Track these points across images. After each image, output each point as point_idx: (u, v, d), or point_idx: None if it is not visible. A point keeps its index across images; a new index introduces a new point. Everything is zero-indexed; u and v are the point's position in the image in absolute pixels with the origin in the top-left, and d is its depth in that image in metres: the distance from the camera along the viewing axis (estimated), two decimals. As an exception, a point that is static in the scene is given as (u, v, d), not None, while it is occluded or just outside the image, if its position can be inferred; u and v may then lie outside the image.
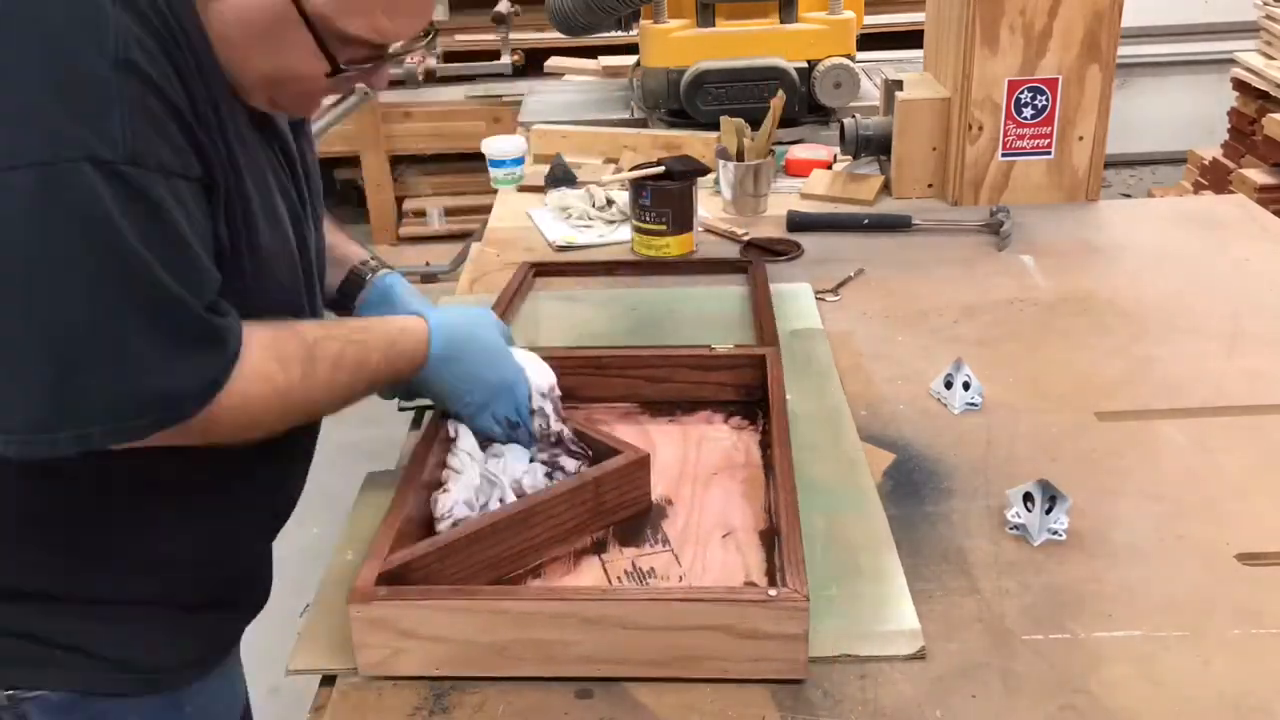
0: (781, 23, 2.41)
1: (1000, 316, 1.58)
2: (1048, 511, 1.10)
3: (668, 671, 0.93)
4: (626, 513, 1.13)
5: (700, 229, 1.86)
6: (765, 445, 1.24)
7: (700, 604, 0.92)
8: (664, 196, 1.77)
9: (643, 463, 1.14)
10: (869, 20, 2.91)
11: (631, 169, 1.86)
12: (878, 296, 1.65)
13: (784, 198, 2.04)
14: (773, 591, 0.92)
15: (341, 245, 1.26)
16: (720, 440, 1.28)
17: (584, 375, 1.34)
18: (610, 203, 1.98)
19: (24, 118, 0.80)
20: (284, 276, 1.02)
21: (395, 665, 0.94)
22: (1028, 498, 1.10)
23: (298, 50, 0.91)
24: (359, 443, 1.84)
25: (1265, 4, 3.63)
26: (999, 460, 1.24)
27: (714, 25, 2.40)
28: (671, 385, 1.35)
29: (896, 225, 1.89)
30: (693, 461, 1.24)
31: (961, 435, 1.29)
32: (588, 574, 1.06)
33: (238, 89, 0.95)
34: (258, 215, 0.97)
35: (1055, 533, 1.10)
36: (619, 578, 1.05)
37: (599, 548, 1.10)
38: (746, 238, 1.86)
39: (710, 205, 2.01)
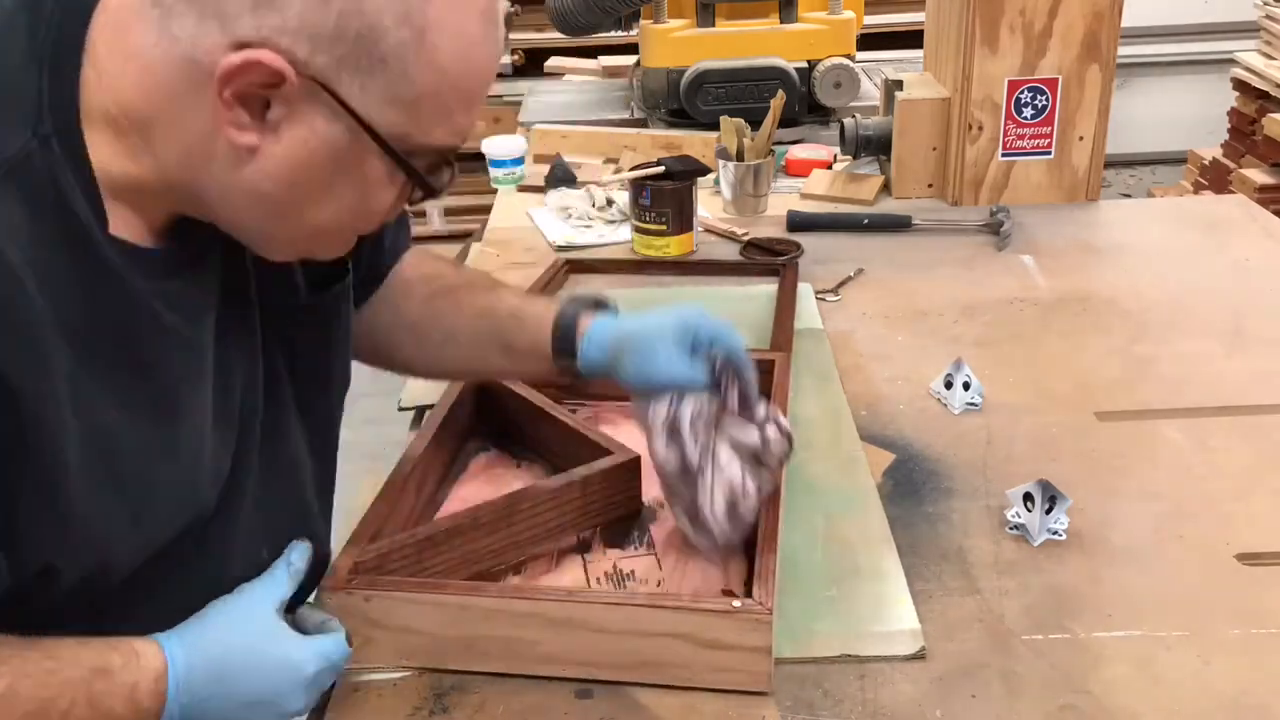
0: (781, 23, 2.41)
1: (1000, 316, 1.58)
2: (1048, 511, 1.10)
3: (631, 675, 0.93)
4: (614, 513, 1.12)
5: (700, 229, 1.86)
6: None
7: (663, 611, 0.92)
8: (664, 196, 1.77)
9: (632, 465, 1.12)
10: (869, 20, 2.91)
11: (631, 169, 1.86)
12: (878, 296, 1.65)
13: (784, 198, 2.04)
14: (737, 603, 0.91)
15: (519, 307, 1.09)
16: None
17: None
18: (610, 203, 1.98)
19: None
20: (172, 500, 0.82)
21: (364, 655, 0.95)
22: (1028, 498, 1.10)
23: (367, 183, 0.78)
24: (359, 443, 1.83)
25: (1265, 4, 3.63)
26: (999, 460, 1.24)
27: (714, 25, 2.40)
28: None
29: (896, 225, 1.89)
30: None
31: (961, 435, 1.29)
32: (568, 573, 1.06)
33: (255, 248, 0.82)
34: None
35: (1055, 533, 1.10)
36: (598, 579, 1.05)
37: (583, 547, 1.10)
38: (746, 238, 1.86)
39: (710, 205, 2.01)
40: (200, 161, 0.74)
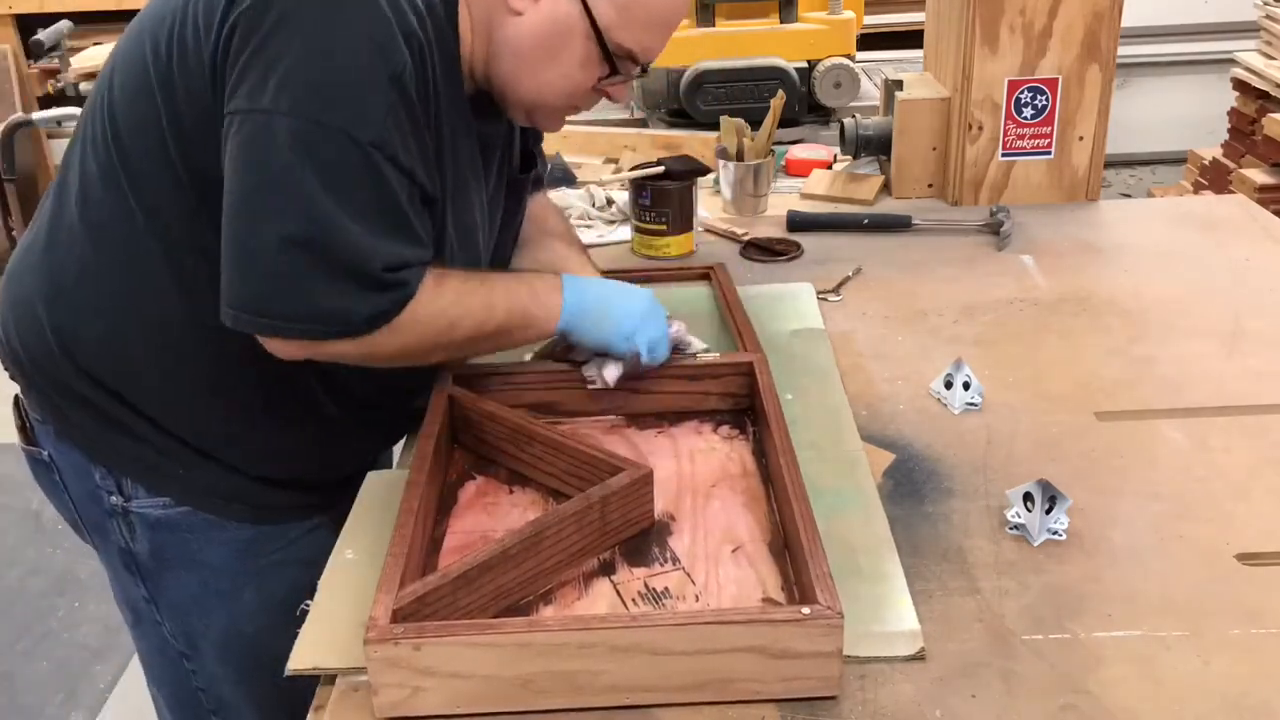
0: (781, 23, 2.41)
1: (1000, 316, 1.58)
2: (1048, 511, 1.10)
3: (700, 696, 0.92)
4: (631, 531, 1.10)
5: (700, 229, 1.87)
6: (759, 454, 1.23)
7: (732, 626, 0.90)
8: (664, 196, 1.77)
9: (646, 479, 1.11)
10: (869, 20, 2.92)
11: (631, 169, 1.86)
12: (878, 296, 1.65)
13: (784, 198, 2.04)
14: (806, 610, 0.90)
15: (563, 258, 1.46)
16: (713, 451, 1.25)
17: (566, 389, 1.31)
18: (610, 202, 1.98)
19: (319, 85, 1.03)
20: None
21: (415, 705, 0.91)
22: (1028, 498, 1.10)
23: (575, 60, 1.15)
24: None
25: (1265, 4, 3.63)
26: (999, 460, 1.24)
27: (714, 25, 2.41)
28: (657, 397, 1.31)
29: (896, 225, 1.89)
30: (689, 475, 1.21)
31: (961, 435, 1.29)
32: (600, 597, 1.03)
33: (503, 101, 1.21)
34: (450, 226, 1.20)
35: (1055, 533, 1.10)
36: (634, 600, 1.02)
37: (607, 569, 1.06)
38: (746, 238, 1.86)
39: (710, 205, 2.01)
40: (494, 19, 1.15)
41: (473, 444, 1.26)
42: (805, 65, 2.37)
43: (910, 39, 2.90)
